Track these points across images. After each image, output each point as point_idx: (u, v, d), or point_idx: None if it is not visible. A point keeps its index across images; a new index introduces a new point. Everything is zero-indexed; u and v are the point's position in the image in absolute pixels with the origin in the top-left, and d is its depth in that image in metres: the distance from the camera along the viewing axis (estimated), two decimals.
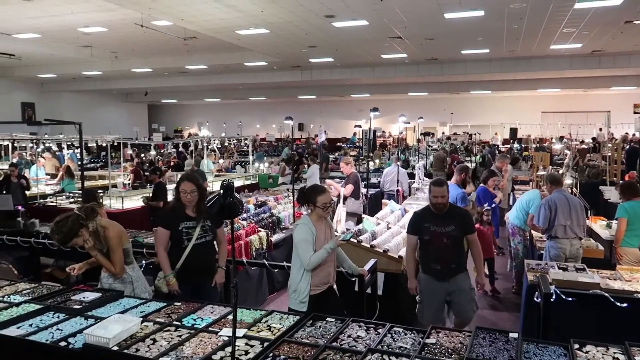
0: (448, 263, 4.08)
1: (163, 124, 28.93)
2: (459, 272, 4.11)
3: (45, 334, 2.77)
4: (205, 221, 3.82)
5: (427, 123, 26.09)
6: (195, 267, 3.75)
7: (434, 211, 4.13)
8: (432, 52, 16.87)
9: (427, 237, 4.11)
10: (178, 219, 3.78)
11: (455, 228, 4.07)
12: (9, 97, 24.22)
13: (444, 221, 4.09)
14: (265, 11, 11.20)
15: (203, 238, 3.80)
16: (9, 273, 5.08)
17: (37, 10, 11.80)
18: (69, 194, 10.13)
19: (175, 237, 3.76)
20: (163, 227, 3.80)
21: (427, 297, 4.15)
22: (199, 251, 3.75)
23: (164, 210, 4.01)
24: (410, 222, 4.34)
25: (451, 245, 4.06)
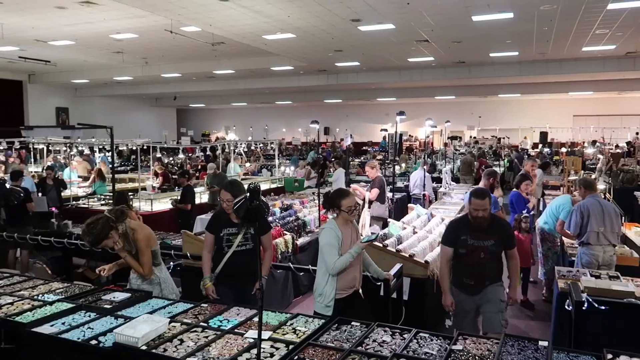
0: (482, 279, 3.81)
1: (191, 128, 29.34)
2: (492, 284, 3.84)
3: (76, 333, 2.84)
4: (248, 229, 3.79)
5: (455, 127, 25.77)
6: (234, 274, 3.75)
7: (474, 224, 3.82)
8: (460, 55, 16.68)
9: (463, 250, 3.81)
10: (221, 225, 3.83)
11: (494, 243, 3.77)
12: (45, 102, 25.02)
13: (483, 234, 3.78)
14: (291, 16, 11.28)
15: (244, 246, 3.79)
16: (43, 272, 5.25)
17: (71, 18, 12.18)
18: (100, 196, 10.38)
19: (218, 242, 3.82)
20: (208, 232, 3.89)
21: (459, 310, 3.91)
22: (238, 259, 3.75)
23: (213, 215, 4.08)
24: (446, 232, 4.05)
25: (488, 261, 3.77)
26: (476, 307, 3.87)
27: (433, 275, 4.83)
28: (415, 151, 20.92)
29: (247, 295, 3.76)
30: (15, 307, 3.26)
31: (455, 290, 3.93)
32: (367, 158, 20.51)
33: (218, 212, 3.98)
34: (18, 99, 23.80)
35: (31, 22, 12.62)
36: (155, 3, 10.09)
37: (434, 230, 6.12)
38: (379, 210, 7.71)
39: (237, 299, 3.69)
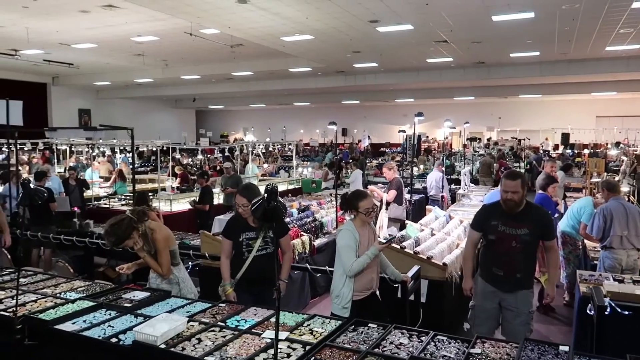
0: (513, 271, 3.54)
1: (210, 129, 29.59)
2: (523, 288, 3.55)
3: (97, 330, 2.89)
4: (267, 232, 3.72)
5: (474, 128, 25.47)
6: (256, 280, 3.68)
7: (505, 209, 3.58)
8: (479, 55, 16.51)
9: (493, 237, 3.59)
10: (239, 230, 3.75)
11: (529, 232, 3.49)
12: (67, 104, 25.51)
13: (517, 222, 3.52)
14: (310, 18, 11.31)
15: (264, 250, 3.72)
16: (65, 271, 5.35)
17: (94, 22, 12.41)
18: (121, 197, 10.55)
19: (237, 247, 3.74)
20: (225, 237, 3.82)
21: (482, 304, 3.68)
22: (259, 263, 3.68)
23: (229, 220, 3.98)
24: (476, 215, 3.87)
25: (520, 251, 3.50)
26: (500, 309, 3.63)
27: (451, 277, 4.79)
28: (434, 153, 20.77)
29: (266, 301, 3.64)
30: (39, 304, 3.33)
31: (482, 284, 3.70)
32: (385, 159, 20.45)
33: (234, 217, 3.87)
34: (42, 101, 24.33)
35: (55, 26, 12.90)
36: (176, 6, 10.22)
37: (452, 232, 6.07)
38: (397, 212, 7.68)
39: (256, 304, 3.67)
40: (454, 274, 4.84)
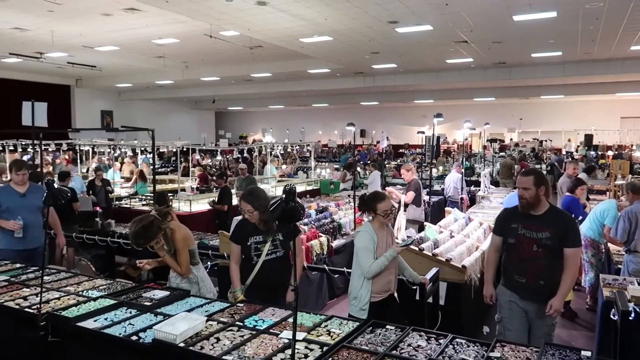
0: (536, 277, 3.34)
1: (229, 130, 29.87)
2: (548, 298, 3.31)
3: (118, 328, 2.94)
4: (276, 235, 3.64)
5: (494, 129, 25.22)
6: (266, 285, 3.59)
7: (519, 208, 3.44)
8: (500, 55, 16.31)
9: (512, 240, 3.42)
10: (247, 234, 3.65)
11: (550, 236, 3.28)
12: (90, 106, 25.99)
13: (537, 224, 3.33)
14: (328, 19, 11.32)
15: (273, 254, 3.63)
16: (88, 269, 5.45)
17: (116, 25, 12.63)
18: (142, 197, 10.70)
19: (245, 252, 3.65)
20: (233, 242, 3.73)
21: (508, 316, 3.46)
22: (269, 268, 3.59)
23: (236, 224, 3.90)
24: (497, 218, 3.77)
25: (542, 257, 3.31)
26: (528, 321, 3.41)
27: (470, 280, 4.74)
28: (453, 154, 20.58)
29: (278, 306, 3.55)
30: (62, 302, 3.39)
31: (505, 293, 3.51)
32: (404, 161, 20.34)
33: (242, 221, 3.76)
34: (66, 102, 24.84)
35: (79, 29, 13.16)
36: (196, 9, 10.33)
37: (471, 234, 6.01)
38: (415, 214, 7.63)
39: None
40: (473, 276, 4.79)
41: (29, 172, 5.08)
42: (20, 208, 4.87)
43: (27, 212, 4.88)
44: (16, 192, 4.93)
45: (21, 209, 4.86)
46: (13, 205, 4.86)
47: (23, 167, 5.02)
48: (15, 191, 4.94)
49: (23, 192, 4.96)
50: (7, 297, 3.48)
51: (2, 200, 4.88)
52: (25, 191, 4.97)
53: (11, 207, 4.86)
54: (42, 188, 5.34)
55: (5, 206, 4.85)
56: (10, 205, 4.86)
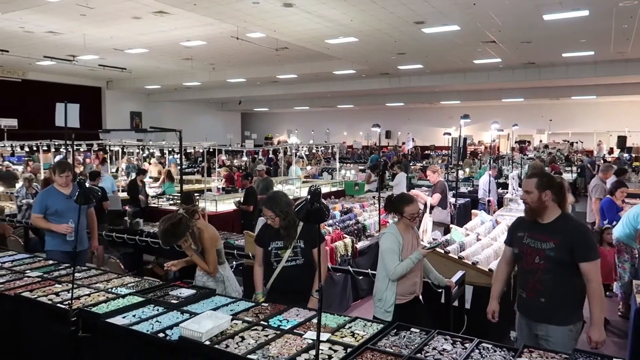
0: (536, 293, 3.02)
1: (255, 131, 30.12)
2: (553, 320, 2.96)
3: (146, 325, 2.99)
4: (297, 242, 3.56)
5: (523, 130, 24.71)
6: (285, 291, 3.53)
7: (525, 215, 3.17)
8: (529, 56, 16.00)
9: (517, 250, 3.16)
10: (269, 238, 3.62)
11: (555, 247, 2.93)
12: (120, 107, 26.59)
13: (543, 233, 3.01)
14: (354, 20, 11.30)
15: (293, 261, 3.55)
16: (117, 267, 5.55)
17: (146, 28, 12.89)
18: (169, 197, 10.87)
19: (266, 257, 3.63)
20: (258, 245, 3.73)
21: (520, 337, 3.24)
22: (288, 274, 3.53)
23: (261, 227, 3.85)
24: (509, 227, 3.50)
25: (544, 270, 2.97)
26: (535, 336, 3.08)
27: None
28: (480, 156, 20.28)
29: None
30: (92, 298, 3.48)
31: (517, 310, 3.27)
32: (430, 162, 20.15)
33: (266, 224, 3.70)
34: (97, 104, 25.48)
35: (110, 32, 13.48)
36: (223, 11, 10.46)
37: (499, 237, 5.90)
38: (441, 216, 7.54)
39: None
40: None
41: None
42: (68, 210, 4.81)
43: (74, 214, 4.74)
44: (62, 194, 4.89)
45: (69, 211, 4.80)
46: (61, 207, 4.81)
47: (67, 169, 4.96)
48: (61, 193, 4.89)
49: (68, 193, 4.90)
50: (40, 293, 3.58)
51: (50, 203, 4.83)
52: (70, 193, 4.91)
53: (59, 209, 4.81)
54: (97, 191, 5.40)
55: (53, 209, 4.81)
56: (58, 208, 4.81)
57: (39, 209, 4.86)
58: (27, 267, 4.33)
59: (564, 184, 3.10)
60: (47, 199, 4.86)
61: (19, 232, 7.12)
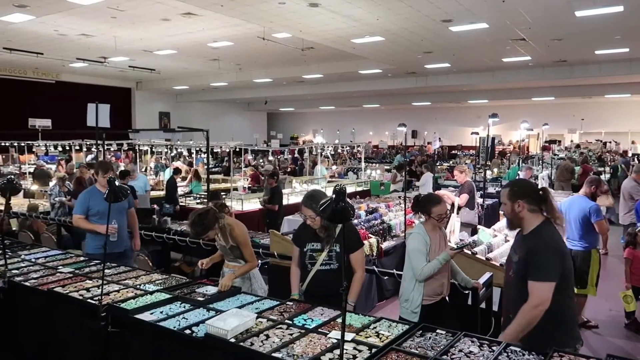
0: (506, 309, 2.96)
1: (280, 131, 30.30)
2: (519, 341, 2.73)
3: (173, 322, 3.03)
4: (333, 246, 3.45)
5: (553, 130, 24.13)
6: (318, 294, 3.45)
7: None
8: (560, 53, 15.62)
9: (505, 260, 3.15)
10: (306, 239, 3.55)
11: (519, 261, 2.81)
12: (149, 107, 27.12)
13: (519, 246, 2.89)
14: (381, 19, 11.24)
15: (328, 265, 3.46)
16: (145, 264, 5.65)
17: (174, 29, 13.10)
18: (196, 195, 11.03)
19: (301, 257, 3.57)
20: (294, 244, 3.68)
21: None
22: (322, 278, 3.45)
23: (299, 226, 3.77)
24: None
25: (513, 285, 2.86)
26: None
27: None
28: (509, 155, 19.91)
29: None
30: (121, 294, 3.55)
31: None
32: (457, 162, 19.89)
33: (304, 224, 3.62)
34: (127, 104, 26.06)
35: (140, 34, 13.75)
36: (250, 12, 10.55)
37: None
38: (468, 217, 7.44)
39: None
40: None
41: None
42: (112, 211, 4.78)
43: (116, 214, 4.77)
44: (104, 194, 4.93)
45: (112, 212, 4.64)
46: (103, 208, 4.65)
47: (109, 169, 4.90)
48: (103, 193, 4.62)
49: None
50: (71, 288, 3.68)
51: (92, 204, 4.74)
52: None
53: (101, 210, 4.70)
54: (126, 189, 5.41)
55: (95, 209, 4.73)
56: (100, 209, 4.69)
57: (80, 209, 4.78)
58: (60, 263, 4.45)
59: (544, 191, 2.86)
60: (90, 199, 4.77)
61: (52, 229, 7.33)
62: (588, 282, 5.26)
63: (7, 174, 14.27)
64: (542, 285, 2.65)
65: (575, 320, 2.88)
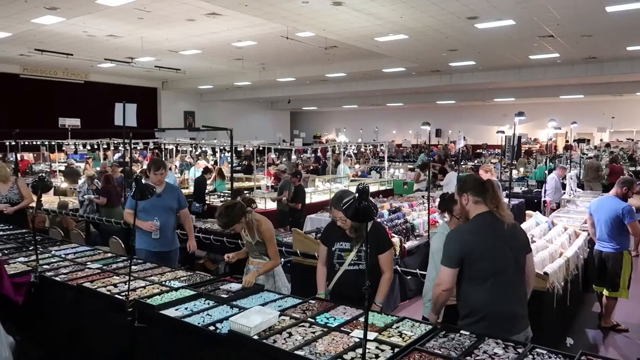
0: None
1: (303, 130, 30.33)
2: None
3: (197, 318, 3.07)
4: (362, 246, 3.41)
5: (582, 129, 23.55)
6: (345, 295, 3.43)
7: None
8: (590, 50, 15.22)
9: None
10: (334, 238, 3.51)
11: None
12: (175, 107, 27.51)
13: None
14: (404, 17, 11.16)
15: (356, 265, 3.43)
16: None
17: (199, 29, 13.27)
18: (220, 194, 11.14)
19: (329, 257, 3.54)
20: (321, 243, 3.65)
21: None
22: (349, 278, 3.42)
23: (327, 225, 3.72)
24: None
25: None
26: None
27: (553, 288, 4.48)
28: (534, 155, 19.52)
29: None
30: (147, 290, 3.61)
31: None
32: (482, 161, 19.61)
33: (332, 222, 3.59)
34: (153, 104, 26.50)
35: (166, 35, 13.97)
36: (273, 11, 10.60)
37: (555, 240, 5.67)
38: None
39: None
40: (556, 284, 4.52)
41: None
42: (157, 208, 4.73)
43: (162, 212, 4.77)
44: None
45: (157, 209, 4.73)
46: (149, 205, 4.65)
47: (161, 167, 4.85)
48: None
49: (159, 192, 4.74)
50: (99, 284, 3.77)
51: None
52: (161, 191, 4.80)
53: (147, 207, 4.68)
54: (176, 188, 5.36)
55: (141, 205, 4.57)
56: (146, 205, 4.65)
57: (130, 204, 4.91)
58: (88, 259, 4.56)
59: (486, 183, 2.93)
60: None
61: (80, 226, 7.51)
62: (620, 284, 5.13)
63: (39, 172, 14.71)
64: (442, 269, 2.91)
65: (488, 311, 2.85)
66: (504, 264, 2.83)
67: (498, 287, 2.83)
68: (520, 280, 2.93)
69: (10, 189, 5.96)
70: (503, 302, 2.84)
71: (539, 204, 9.88)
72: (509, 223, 2.86)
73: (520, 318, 2.91)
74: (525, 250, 2.98)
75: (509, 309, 2.86)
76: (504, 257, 2.83)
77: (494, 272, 2.82)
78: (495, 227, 2.86)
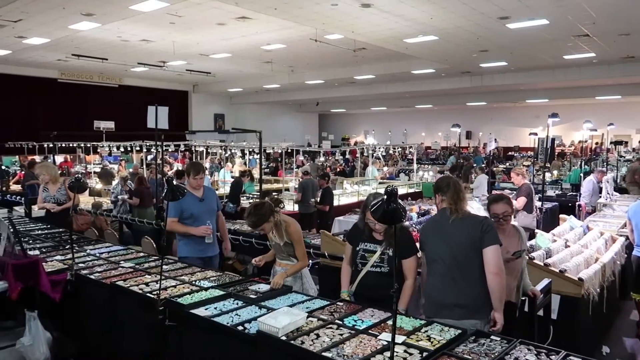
0: None
1: (332, 132, 30.36)
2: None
3: (226, 317, 3.11)
4: (387, 249, 3.41)
5: (620, 130, 22.83)
6: (366, 297, 3.42)
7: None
8: (628, 49, 14.74)
9: None
10: (360, 238, 3.52)
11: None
12: (205, 109, 27.94)
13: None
14: (434, 18, 11.04)
15: (378, 267, 3.42)
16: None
17: (229, 33, 13.45)
18: (249, 195, 11.26)
19: (353, 256, 3.55)
20: (347, 242, 3.68)
21: None
22: (372, 280, 3.42)
23: (354, 224, 3.71)
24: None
25: None
26: None
27: (589, 294, 4.35)
28: (569, 157, 19.02)
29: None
30: (177, 289, 3.68)
31: None
32: (514, 164, 19.21)
33: (359, 222, 3.60)
34: (184, 106, 26.98)
35: (196, 39, 14.21)
36: (302, 14, 10.65)
37: (590, 245, 5.50)
38: (526, 220, 7.17)
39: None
40: (591, 290, 4.39)
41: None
42: (203, 213, 4.65)
43: (208, 216, 4.68)
44: (195, 197, 4.65)
45: (204, 214, 4.65)
46: (196, 210, 4.58)
47: (201, 171, 4.76)
48: (194, 196, 4.64)
49: (201, 196, 4.71)
50: (132, 282, 3.85)
51: (184, 207, 4.53)
52: (202, 195, 4.74)
53: (195, 213, 4.59)
54: (214, 191, 5.32)
55: (189, 212, 4.57)
56: (193, 212, 4.57)
57: (174, 212, 4.54)
58: (121, 258, 4.67)
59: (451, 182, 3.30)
60: (182, 202, 4.35)
61: (114, 226, 7.70)
62: None
63: (75, 173, 15.17)
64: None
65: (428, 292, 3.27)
66: (435, 254, 3.18)
67: (434, 274, 3.21)
68: (462, 274, 3.09)
69: (59, 190, 6.21)
70: (436, 289, 3.18)
71: (574, 207, 9.61)
72: (457, 218, 3.12)
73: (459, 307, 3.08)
74: (471, 245, 3.07)
75: (439, 295, 3.15)
76: (436, 247, 3.18)
77: (429, 260, 3.23)
78: (440, 221, 3.24)
